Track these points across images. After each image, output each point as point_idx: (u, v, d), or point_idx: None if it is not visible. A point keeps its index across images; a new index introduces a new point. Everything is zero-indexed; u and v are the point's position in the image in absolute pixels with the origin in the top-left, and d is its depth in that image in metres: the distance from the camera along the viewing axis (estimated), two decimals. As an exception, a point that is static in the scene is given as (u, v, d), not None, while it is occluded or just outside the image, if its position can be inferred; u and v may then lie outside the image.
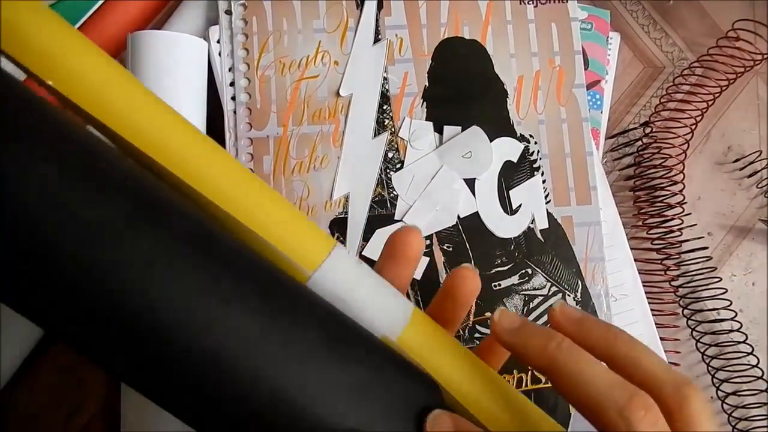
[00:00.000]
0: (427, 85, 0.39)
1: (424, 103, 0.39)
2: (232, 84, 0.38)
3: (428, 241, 0.37)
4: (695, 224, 0.41)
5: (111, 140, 0.19)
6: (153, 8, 0.39)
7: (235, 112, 0.38)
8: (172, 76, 0.35)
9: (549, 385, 0.37)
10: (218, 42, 0.38)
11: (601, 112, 0.41)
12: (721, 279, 0.41)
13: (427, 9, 0.40)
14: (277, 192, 0.21)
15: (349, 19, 0.39)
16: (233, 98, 0.38)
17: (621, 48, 0.43)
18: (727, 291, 0.40)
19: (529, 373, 0.37)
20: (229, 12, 0.38)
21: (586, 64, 0.41)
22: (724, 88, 0.42)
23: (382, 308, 0.21)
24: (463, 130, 0.38)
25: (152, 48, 0.35)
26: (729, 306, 0.40)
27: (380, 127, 0.38)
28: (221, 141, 0.37)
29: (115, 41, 0.38)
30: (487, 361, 0.23)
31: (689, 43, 0.44)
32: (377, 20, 0.39)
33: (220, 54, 0.38)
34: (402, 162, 0.38)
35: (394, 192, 0.38)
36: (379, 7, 0.39)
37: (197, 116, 0.37)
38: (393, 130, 0.38)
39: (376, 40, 0.39)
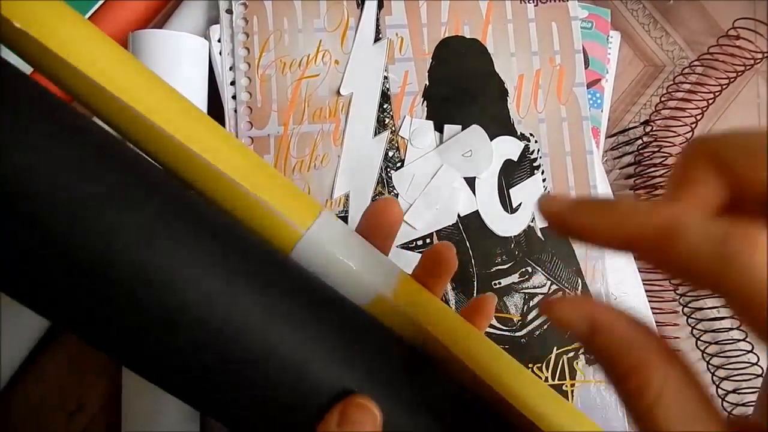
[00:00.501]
0: (427, 84, 0.39)
1: (425, 101, 0.39)
2: (232, 83, 0.38)
3: (429, 240, 0.38)
4: (695, 223, 0.41)
5: (105, 116, 0.19)
6: (154, 7, 0.39)
7: (235, 111, 0.38)
8: (173, 75, 0.35)
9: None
10: (219, 41, 0.38)
11: (602, 111, 0.41)
12: (721, 277, 0.41)
13: (428, 8, 0.40)
14: (265, 161, 0.22)
15: (350, 18, 0.39)
16: (234, 97, 0.38)
17: (621, 47, 0.43)
18: (727, 289, 0.40)
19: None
20: (230, 11, 0.38)
21: (587, 63, 0.41)
22: (724, 86, 0.42)
23: (377, 264, 0.22)
24: (463, 129, 0.38)
25: (153, 47, 0.35)
26: (729, 304, 0.40)
27: (381, 125, 0.38)
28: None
29: (116, 40, 0.37)
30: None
31: (690, 42, 0.44)
32: (378, 19, 0.39)
33: (220, 53, 0.38)
34: (402, 161, 0.38)
35: (395, 191, 0.38)
36: (380, 6, 0.39)
37: (198, 115, 0.37)
38: (393, 128, 0.38)
39: (377, 39, 0.39)
